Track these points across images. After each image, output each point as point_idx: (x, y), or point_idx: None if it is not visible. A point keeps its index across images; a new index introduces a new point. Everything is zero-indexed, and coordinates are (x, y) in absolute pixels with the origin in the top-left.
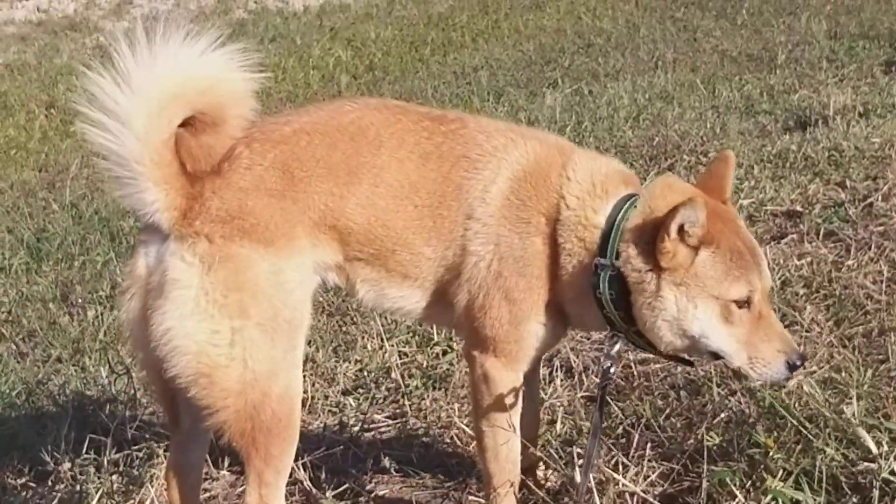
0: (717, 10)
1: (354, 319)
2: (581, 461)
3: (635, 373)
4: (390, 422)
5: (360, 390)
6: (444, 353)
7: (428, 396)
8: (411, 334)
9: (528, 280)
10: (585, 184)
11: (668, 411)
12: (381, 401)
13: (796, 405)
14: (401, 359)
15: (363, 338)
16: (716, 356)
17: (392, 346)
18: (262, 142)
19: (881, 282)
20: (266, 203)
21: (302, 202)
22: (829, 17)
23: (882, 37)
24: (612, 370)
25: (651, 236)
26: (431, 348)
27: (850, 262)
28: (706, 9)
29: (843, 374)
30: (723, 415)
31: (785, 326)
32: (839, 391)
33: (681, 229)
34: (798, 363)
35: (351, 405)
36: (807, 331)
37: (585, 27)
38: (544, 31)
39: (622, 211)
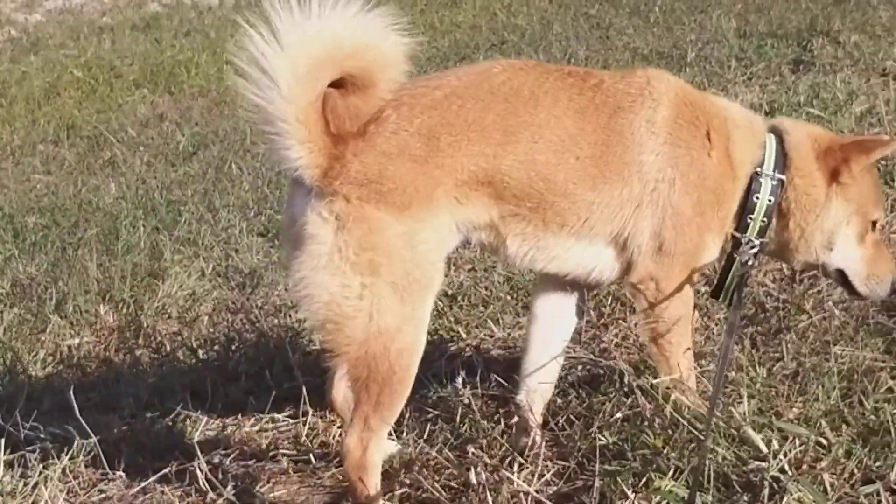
0: (630, 7)
1: (258, 317)
2: (476, 460)
3: None
4: (290, 421)
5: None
6: None
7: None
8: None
9: (711, 194)
10: (735, 109)
11: (566, 410)
12: (281, 400)
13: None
14: (304, 358)
15: (265, 336)
16: (840, 273)
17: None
18: (412, 106)
19: (781, 280)
20: (408, 168)
21: (448, 167)
22: (740, 15)
23: (790, 35)
24: (750, 263)
25: (830, 155)
26: None
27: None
28: (619, 6)
29: (737, 372)
30: (619, 414)
31: None
32: (734, 390)
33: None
34: None
35: (252, 403)
36: (705, 328)
37: (500, 24)
38: (459, 28)
39: (767, 132)
